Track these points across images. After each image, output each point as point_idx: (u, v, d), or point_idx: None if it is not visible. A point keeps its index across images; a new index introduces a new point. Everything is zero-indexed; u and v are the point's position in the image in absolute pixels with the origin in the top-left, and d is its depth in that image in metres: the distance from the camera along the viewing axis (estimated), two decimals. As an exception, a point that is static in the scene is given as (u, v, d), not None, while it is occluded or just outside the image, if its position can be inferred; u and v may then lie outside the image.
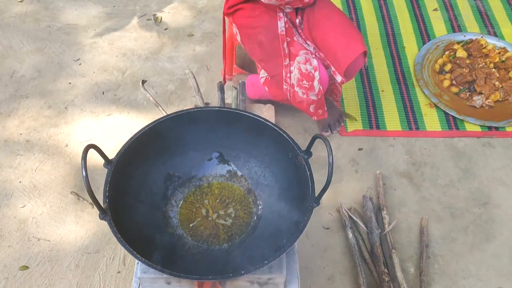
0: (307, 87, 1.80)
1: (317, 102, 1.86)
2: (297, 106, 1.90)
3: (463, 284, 1.74)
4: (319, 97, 1.84)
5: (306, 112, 1.91)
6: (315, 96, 1.83)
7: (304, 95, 1.83)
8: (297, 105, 1.89)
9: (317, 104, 1.88)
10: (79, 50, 2.54)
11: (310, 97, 1.84)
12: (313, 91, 1.81)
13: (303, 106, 1.88)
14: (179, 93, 2.35)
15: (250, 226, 1.31)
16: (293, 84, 1.83)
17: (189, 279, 1.06)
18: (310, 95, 1.83)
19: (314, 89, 1.81)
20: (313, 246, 1.83)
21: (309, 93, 1.82)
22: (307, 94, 1.83)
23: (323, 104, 1.90)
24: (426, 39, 2.58)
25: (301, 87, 1.81)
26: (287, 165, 1.31)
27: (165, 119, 1.31)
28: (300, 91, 1.82)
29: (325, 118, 1.99)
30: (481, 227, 1.89)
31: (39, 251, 1.81)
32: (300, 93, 1.83)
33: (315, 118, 1.95)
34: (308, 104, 1.87)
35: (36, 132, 2.18)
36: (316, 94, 1.82)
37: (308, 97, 1.84)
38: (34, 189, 1.99)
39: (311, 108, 1.89)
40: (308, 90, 1.81)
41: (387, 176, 2.04)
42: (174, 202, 1.34)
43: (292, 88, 1.84)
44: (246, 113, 1.34)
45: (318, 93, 1.83)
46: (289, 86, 1.84)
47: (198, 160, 1.39)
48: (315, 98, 1.84)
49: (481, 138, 2.18)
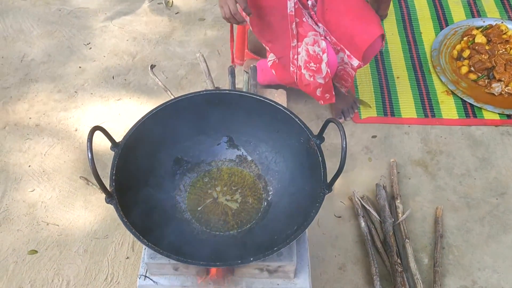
0: (314, 70, 1.75)
1: (324, 85, 1.81)
2: (304, 90, 1.85)
3: (478, 276, 1.69)
4: (327, 81, 1.79)
5: (313, 95, 1.86)
6: (322, 79, 1.78)
7: (311, 77, 1.78)
8: (303, 88, 1.84)
9: (324, 88, 1.82)
10: (90, 34, 2.52)
11: (317, 80, 1.78)
12: (320, 73, 1.76)
13: (310, 90, 1.83)
14: (190, 78, 2.31)
15: (260, 212, 1.28)
16: (300, 66, 1.77)
17: (196, 265, 1.03)
18: (317, 78, 1.78)
19: (321, 72, 1.75)
20: (324, 235, 1.79)
21: (316, 76, 1.77)
22: (314, 77, 1.77)
23: (330, 88, 1.84)
24: (444, 25, 2.51)
25: (308, 70, 1.76)
26: (298, 150, 1.27)
27: (174, 101, 1.28)
28: (307, 74, 1.77)
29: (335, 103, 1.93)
30: (498, 218, 1.83)
31: (48, 236, 1.80)
32: (307, 75, 1.78)
33: (322, 102, 1.89)
34: (315, 87, 1.81)
35: (45, 116, 2.17)
36: (324, 77, 1.77)
37: (315, 80, 1.78)
38: (43, 174, 1.97)
39: (318, 91, 1.83)
40: (315, 73, 1.76)
41: (401, 164, 1.99)
42: (182, 187, 1.31)
43: (299, 70, 1.79)
44: (257, 97, 1.30)
45: (326, 76, 1.77)
46: (296, 68, 1.79)
47: (207, 145, 1.36)
48: (322, 82, 1.79)
49: (500, 126, 2.11)
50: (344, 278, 1.69)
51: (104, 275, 1.71)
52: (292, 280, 1.22)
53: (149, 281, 1.23)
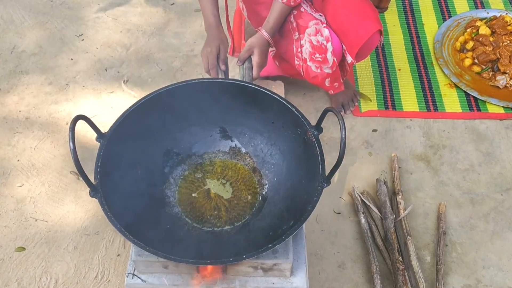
0: (320, 61, 1.68)
1: (332, 75, 1.74)
2: (311, 82, 1.78)
3: (483, 274, 1.63)
4: (334, 70, 1.72)
5: (322, 86, 1.80)
6: (330, 69, 1.71)
7: (317, 69, 1.71)
8: (311, 81, 1.77)
9: (332, 77, 1.76)
10: (82, 25, 2.45)
11: (324, 71, 1.72)
12: (327, 64, 1.69)
13: (318, 81, 1.76)
14: (185, 70, 2.24)
15: (254, 207, 1.21)
16: (305, 59, 1.71)
17: (185, 263, 0.96)
18: (324, 69, 1.71)
19: (328, 62, 1.69)
20: (323, 232, 1.73)
21: (323, 66, 1.70)
22: (321, 68, 1.71)
23: (338, 76, 1.78)
24: (447, 16, 2.44)
25: (314, 61, 1.69)
26: (295, 142, 1.21)
27: (164, 91, 1.22)
28: (313, 66, 1.70)
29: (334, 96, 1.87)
30: (503, 214, 1.77)
31: (36, 232, 1.74)
32: (313, 67, 1.71)
33: (332, 92, 1.83)
34: (323, 78, 1.75)
35: (36, 109, 2.10)
36: (331, 66, 1.70)
37: (322, 71, 1.72)
38: (33, 168, 1.91)
39: (327, 82, 1.77)
40: (321, 64, 1.69)
41: (403, 159, 1.92)
42: (172, 181, 1.24)
43: (304, 63, 1.72)
44: (252, 86, 1.24)
45: (333, 66, 1.70)
46: (301, 61, 1.72)
47: (199, 136, 1.30)
48: (329, 71, 1.72)
49: (504, 120, 2.04)
50: (344, 276, 1.63)
51: (94, 273, 1.65)
52: (288, 279, 1.16)
53: (137, 279, 1.17)
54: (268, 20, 1.64)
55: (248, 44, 1.61)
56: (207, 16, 1.67)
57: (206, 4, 1.67)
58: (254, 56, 1.58)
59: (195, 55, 2.29)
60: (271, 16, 1.63)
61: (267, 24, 1.64)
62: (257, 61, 1.58)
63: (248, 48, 1.60)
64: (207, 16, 1.67)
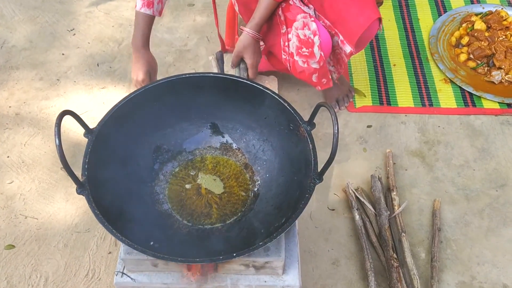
0: (307, 55, 1.65)
1: (319, 70, 1.71)
2: (299, 77, 1.75)
3: (477, 271, 1.61)
4: (321, 65, 1.69)
5: (309, 82, 1.77)
6: (317, 64, 1.68)
7: (304, 64, 1.68)
8: (298, 76, 1.74)
9: (320, 73, 1.73)
10: (74, 20, 2.41)
11: (311, 66, 1.69)
12: (314, 58, 1.66)
13: (305, 76, 1.73)
14: (178, 65, 2.21)
15: (246, 204, 1.19)
16: (292, 53, 1.68)
17: (174, 261, 0.94)
18: (311, 63, 1.68)
19: (315, 56, 1.65)
20: (317, 228, 1.71)
21: (310, 61, 1.67)
22: (308, 62, 1.68)
23: (326, 72, 1.75)
24: (442, 11, 2.42)
25: (300, 56, 1.66)
26: (288, 137, 1.19)
27: (154, 85, 1.19)
28: (300, 60, 1.67)
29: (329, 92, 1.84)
30: (498, 210, 1.76)
31: (26, 230, 1.71)
32: (300, 62, 1.68)
33: (319, 88, 1.80)
34: (310, 73, 1.72)
35: (26, 105, 2.07)
36: (318, 61, 1.67)
37: (310, 66, 1.69)
38: (23, 165, 1.88)
39: (314, 77, 1.74)
40: (308, 58, 1.66)
41: (397, 155, 1.90)
42: (162, 177, 1.22)
43: (291, 57, 1.69)
44: (243, 80, 1.21)
45: (320, 60, 1.67)
46: (288, 55, 1.69)
47: (190, 132, 1.28)
48: (317, 66, 1.69)
49: (500, 116, 2.03)
50: (337, 273, 1.61)
51: (85, 271, 1.62)
52: (281, 277, 1.14)
53: (126, 278, 1.14)
54: (254, 16, 1.61)
55: (236, 50, 1.60)
56: (137, 34, 1.60)
57: (141, 21, 1.59)
58: (246, 60, 1.58)
59: (188, 50, 2.27)
60: (258, 11, 1.60)
61: (252, 21, 1.61)
62: (250, 63, 1.57)
63: (236, 53, 1.60)
64: (137, 34, 1.60)
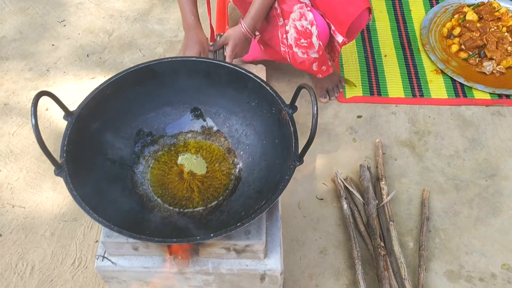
0: (306, 46, 1.65)
1: (319, 59, 1.71)
2: (298, 67, 1.75)
3: (466, 260, 1.61)
4: (321, 53, 1.69)
5: (309, 71, 1.77)
6: (316, 53, 1.68)
7: (304, 54, 1.68)
8: (298, 66, 1.74)
9: (320, 61, 1.73)
10: (64, 11, 2.40)
11: (311, 56, 1.69)
12: (312, 48, 1.66)
13: (305, 66, 1.73)
14: (168, 56, 2.20)
15: (228, 188, 1.18)
16: (291, 45, 1.67)
17: (151, 242, 0.93)
18: (311, 54, 1.68)
19: (313, 47, 1.65)
20: (305, 218, 1.70)
21: (309, 51, 1.67)
22: (307, 53, 1.67)
23: (326, 60, 1.75)
24: (434, 2, 2.41)
25: (299, 47, 1.66)
26: (270, 121, 1.18)
27: (135, 69, 1.18)
28: (300, 51, 1.67)
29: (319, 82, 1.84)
30: (487, 200, 1.75)
31: (13, 218, 1.71)
32: (299, 53, 1.68)
33: (320, 75, 1.80)
34: (310, 63, 1.72)
35: (15, 95, 2.06)
36: (317, 51, 1.67)
37: (309, 56, 1.69)
38: (11, 154, 1.87)
39: (314, 66, 1.74)
40: (307, 49, 1.66)
41: (387, 145, 1.89)
42: (144, 162, 1.21)
43: (290, 49, 1.69)
44: (226, 64, 1.20)
45: (319, 49, 1.67)
46: (287, 47, 1.69)
47: (173, 117, 1.26)
48: (316, 56, 1.69)
49: (491, 106, 2.02)
50: (325, 262, 1.60)
51: (71, 259, 1.62)
52: (262, 261, 1.13)
53: (107, 262, 1.14)
54: (249, 11, 1.61)
55: (225, 36, 1.60)
56: (186, 16, 1.59)
57: (185, 2, 1.59)
58: (227, 47, 1.58)
59: (178, 41, 2.26)
60: (253, 6, 1.60)
61: (248, 15, 1.60)
62: (228, 53, 1.57)
63: (223, 39, 1.60)
64: (186, 15, 1.59)
